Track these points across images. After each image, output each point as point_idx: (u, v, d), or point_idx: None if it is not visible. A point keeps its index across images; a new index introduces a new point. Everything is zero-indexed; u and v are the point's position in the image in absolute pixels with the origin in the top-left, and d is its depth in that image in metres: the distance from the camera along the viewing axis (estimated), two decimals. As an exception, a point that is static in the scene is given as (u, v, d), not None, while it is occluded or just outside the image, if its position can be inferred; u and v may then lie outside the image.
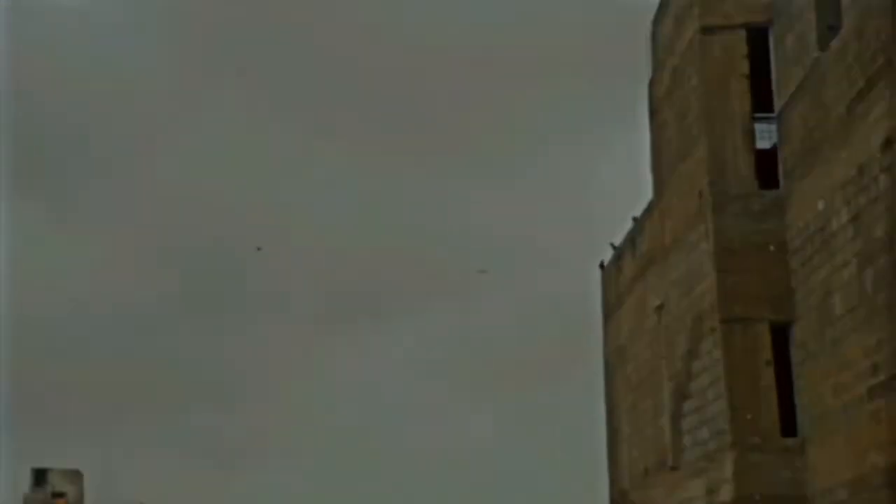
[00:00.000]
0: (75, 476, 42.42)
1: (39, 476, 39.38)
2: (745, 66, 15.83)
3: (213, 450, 47.07)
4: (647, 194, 19.80)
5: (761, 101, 16.24)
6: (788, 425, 15.36)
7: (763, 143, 16.76)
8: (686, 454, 17.68)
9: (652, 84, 19.61)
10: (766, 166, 16.13)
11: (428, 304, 50.41)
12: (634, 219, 21.08)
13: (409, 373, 48.59)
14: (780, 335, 15.61)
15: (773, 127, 16.18)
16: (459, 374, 48.32)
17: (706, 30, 16.11)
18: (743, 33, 15.87)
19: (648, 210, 19.84)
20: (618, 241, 22.19)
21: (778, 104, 15.62)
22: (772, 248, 15.52)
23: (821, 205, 13.92)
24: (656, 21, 19.14)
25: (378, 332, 51.08)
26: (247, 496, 41.90)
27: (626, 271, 22.11)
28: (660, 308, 19.31)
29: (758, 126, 16.49)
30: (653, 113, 19.64)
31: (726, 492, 15.46)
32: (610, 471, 23.49)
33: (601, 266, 23.82)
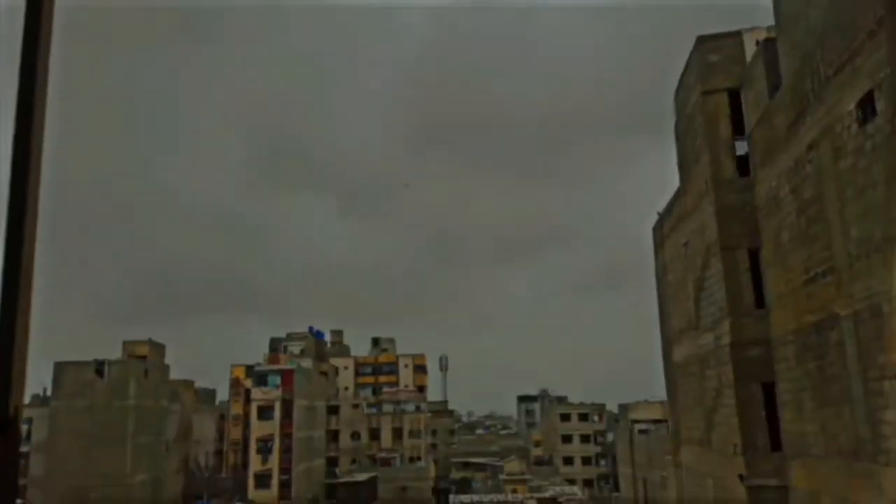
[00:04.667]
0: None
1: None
2: (727, 110, 19.00)
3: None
4: (673, 186, 23.33)
5: (738, 128, 18.54)
6: (760, 301, 16.88)
7: (740, 152, 18.81)
8: (703, 321, 19.93)
9: (676, 125, 22.61)
10: (742, 164, 18.23)
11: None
12: (658, 213, 24.23)
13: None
14: (754, 256, 17.22)
15: (745, 143, 17.58)
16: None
17: (705, 93, 19.42)
18: (726, 93, 19.20)
19: (678, 192, 22.74)
20: (661, 209, 25.66)
21: (748, 129, 16.95)
22: (748, 208, 16.85)
23: (773, 183, 14.77)
24: (677, 90, 22.54)
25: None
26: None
27: (666, 225, 24.76)
28: (686, 244, 21.43)
29: (737, 142, 18.70)
30: (678, 138, 22.78)
31: (725, 339, 17.82)
32: (661, 330, 26.13)
33: (658, 219, 25.79)
